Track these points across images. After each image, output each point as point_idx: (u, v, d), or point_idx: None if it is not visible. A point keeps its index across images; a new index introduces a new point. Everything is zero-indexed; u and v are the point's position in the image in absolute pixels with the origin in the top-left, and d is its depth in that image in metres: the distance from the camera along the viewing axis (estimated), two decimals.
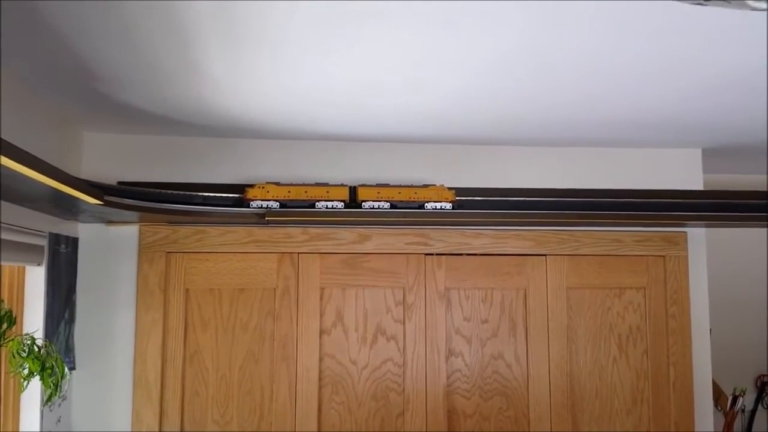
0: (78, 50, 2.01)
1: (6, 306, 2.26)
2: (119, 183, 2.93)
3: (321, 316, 3.13)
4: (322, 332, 3.12)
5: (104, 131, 3.03)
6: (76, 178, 2.28)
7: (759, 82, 2.34)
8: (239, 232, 3.09)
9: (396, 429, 3.13)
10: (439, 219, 3.08)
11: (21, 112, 2.34)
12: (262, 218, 2.94)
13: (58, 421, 2.77)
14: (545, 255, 3.30)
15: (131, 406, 2.97)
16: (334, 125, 2.93)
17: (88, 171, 2.98)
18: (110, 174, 2.99)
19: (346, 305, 3.16)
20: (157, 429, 2.97)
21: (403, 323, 3.18)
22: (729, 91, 2.46)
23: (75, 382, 2.94)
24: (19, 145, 1.70)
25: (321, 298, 3.13)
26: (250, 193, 2.90)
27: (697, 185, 3.41)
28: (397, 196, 3.00)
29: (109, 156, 3.05)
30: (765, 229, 4.05)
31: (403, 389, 3.15)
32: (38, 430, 2.57)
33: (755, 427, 4.27)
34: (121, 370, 2.99)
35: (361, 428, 3.11)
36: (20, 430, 2.56)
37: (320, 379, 3.10)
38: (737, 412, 4.13)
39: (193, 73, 2.22)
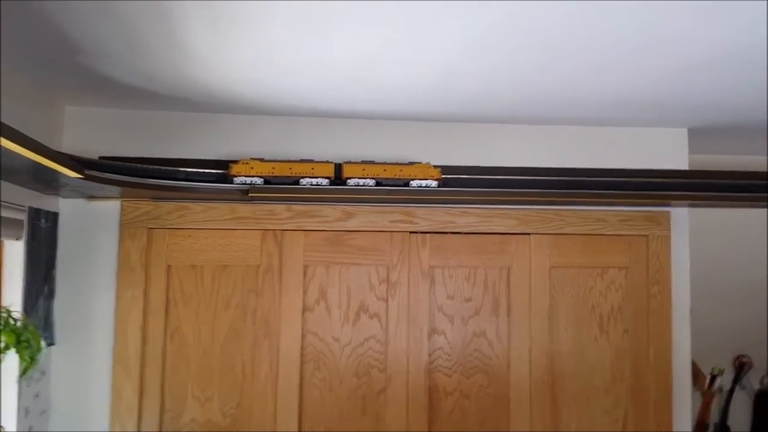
0: (59, 23, 1.98)
1: None
2: (101, 158, 2.90)
3: (304, 293, 3.12)
4: (304, 309, 3.11)
5: (86, 105, 2.99)
6: (57, 152, 2.26)
7: (745, 61, 2.34)
8: (222, 209, 3.06)
9: (377, 405, 3.14)
10: (424, 197, 3.07)
11: (1, 85, 2.30)
12: (245, 194, 2.92)
13: (36, 396, 2.76)
14: (529, 234, 3.30)
15: (111, 382, 2.96)
16: (320, 101, 2.91)
17: (69, 145, 2.94)
18: (92, 148, 2.94)
19: (330, 283, 3.15)
20: (136, 405, 2.96)
21: (386, 301, 3.18)
22: (715, 70, 2.46)
23: (54, 357, 2.92)
24: None
25: (304, 276, 3.12)
26: (234, 169, 2.89)
27: (683, 165, 3.42)
28: (383, 173, 3.00)
29: (90, 130, 3.01)
30: (748, 210, 4.08)
31: (385, 367, 3.16)
32: (15, 405, 2.57)
33: (732, 407, 4.32)
34: (101, 346, 2.97)
35: (342, 404, 3.12)
36: None
37: (302, 356, 3.10)
38: (715, 391, 4.18)
39: (177, 46, 2.19)
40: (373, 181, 2.98)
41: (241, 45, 2.18)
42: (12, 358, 2.39)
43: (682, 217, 3.43)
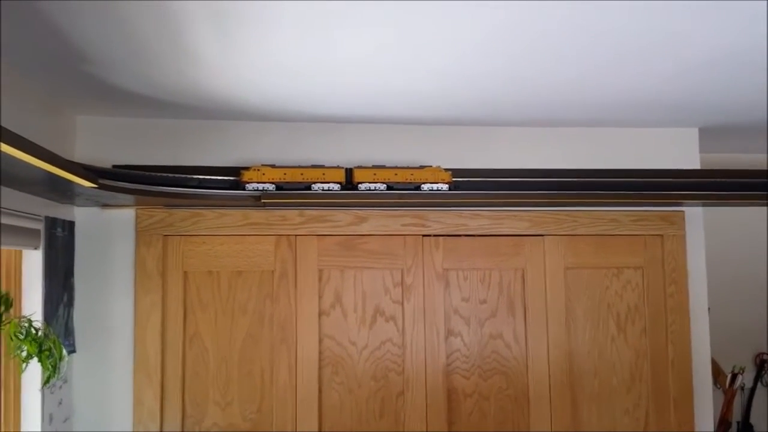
0: (68, 33, 2.01)
1: (2, 289, 2.28)
2: (114, 166, 2.94)
3: (319, 297, 3.14)
4: (321, 314, 3.13)
5: (98, 114, 3.02)
6: (71, 162, 2.30)
7: (751, 61, 2.33)
8: (235, 215, 3.09)
9: (396, 408, 3.15)
10: (435, 200, 3.08)
11: (13, 96, 2.33)
12: (258, 201, 2.95)
13: (60, 403, 2.79)
14: (543, 235, 3.30)
15: (132, 389, 2.99)
16: (330, 107, 2.93)
17: (82, 155, 2.97)
18: (104, 157, 2.98)
19: (345, 287, 3.17)
20: (158, 411, 2.99)
21: (402, 304, 3.19)
22: (723, 70, 2.45)
23: (76, 365, 2.96)
24: (13, 130, 1.71)
25: (319, 280, 3.14)
26: (246, 176, 2.91)
27: (694, 165, 3.40)
28: (394, 177, 3.01)
29: (103, 140, 3.04)
30: (763, 207, 4.04)
31: (403, 369, 3.17)
32: (39, 412, 2.59)
33: (755, 404, 4.28)
34: (122, 353, 3.01)
35: (361, 408, 3.13)
36: (22, 411, 2.58)
37: (320, 360, 3.12)
38: (736, 389, 4.14)
39: (186, 55, 2.22)
40: (384, 185, 3.00)
41: (246, 51, 2.20)
42: (35, 367, 2.44)
43: (696, 216, 3.42)
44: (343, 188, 2.98)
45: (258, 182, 2.91)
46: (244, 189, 2.91)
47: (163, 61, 2.29)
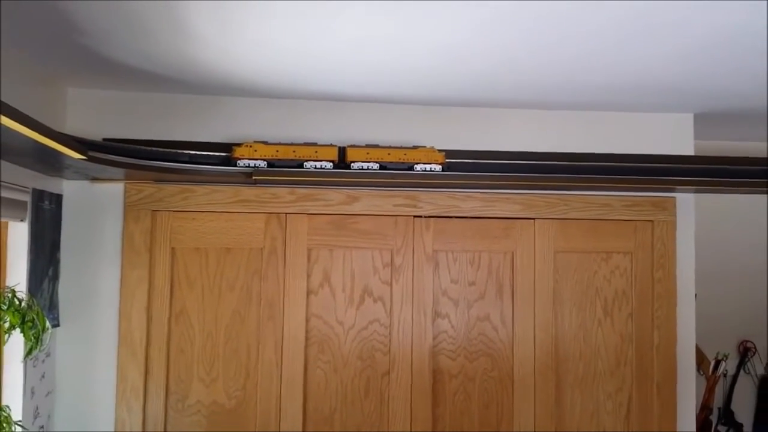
0: (62, 4, 1.97)
1: None
2: (104, 139, 2.89)
3: (308, 276, 3.12)
4: (309, 292, 3.12)
5: (89, 87, 2.98)
6: (60, 133, 2.26)
7: (750, 46, 2.32)
8: (226, 192, 3.06)
9: (381, 388, 3.15)
10: (428, 181, 3.06)
11: (4, 66, 2.29)
12: (249, 177, 2.91)
13: (42, 377, 2.77)
14: (534, 218, 3.29)
15: (116, 364, 2.97)
16: (324, 84, 2.89)
17: (73, 127, 2.93)
18: (95, 131, 2.94)
19: (334, 266, 3.15)
20: (141, 386, 2.98)
21: (391, 285, 3.18)
22: (720, 55, 2.44)
23: (59, 339, 2.93)
24: (2, 100, 1.67)
25: (308, 259, 3.12)
26: (238, 152, 2.88)
27: (688, 150, 3.40)
28: (387, 157, 2.98)
29: (94, 112, 3.00)
30: (753, 195, 4.06)
31: (389, 349, 3.16)
32: (21, 385, 2.57)
33: (736, 391, 4.33)
34: (106, 328, 2.98)
35: (346, 387, 3.13)
36: (3, 384, 2.55)
37: (306, 338, 3.11)
38: (719, 376, 4.18)
39: (180, 28, 2.18)
40: (377, 164, 2.97)
41: (244, 27, 2.16)
42: (17, 339, 2.41)
43: (687, 202, 3.42)
44: (335, 167, 2.95)
45: (249, 159, 2.87)
46: (235, 165, 2.87)
47: (159, 35, 2.25)
